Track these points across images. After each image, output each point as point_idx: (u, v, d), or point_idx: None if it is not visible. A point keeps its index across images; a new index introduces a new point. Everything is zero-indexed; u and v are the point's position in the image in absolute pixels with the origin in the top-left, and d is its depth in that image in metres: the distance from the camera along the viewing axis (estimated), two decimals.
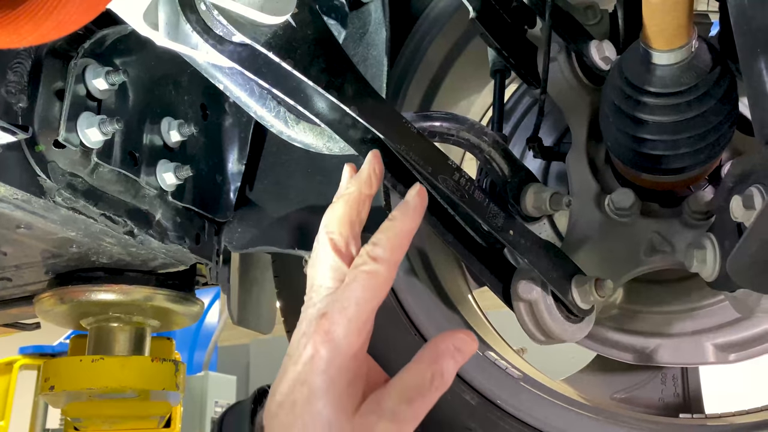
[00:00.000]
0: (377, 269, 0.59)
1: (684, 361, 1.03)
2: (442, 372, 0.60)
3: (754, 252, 0.60)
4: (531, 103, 1.27)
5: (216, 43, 0.69)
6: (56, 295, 0.96)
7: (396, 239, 0.62)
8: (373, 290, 0.59)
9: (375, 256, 0.60)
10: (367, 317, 0.59)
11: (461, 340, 0.62)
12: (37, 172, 0.74)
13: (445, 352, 0.61)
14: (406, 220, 0.64)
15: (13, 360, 3.27)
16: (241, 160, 1.05)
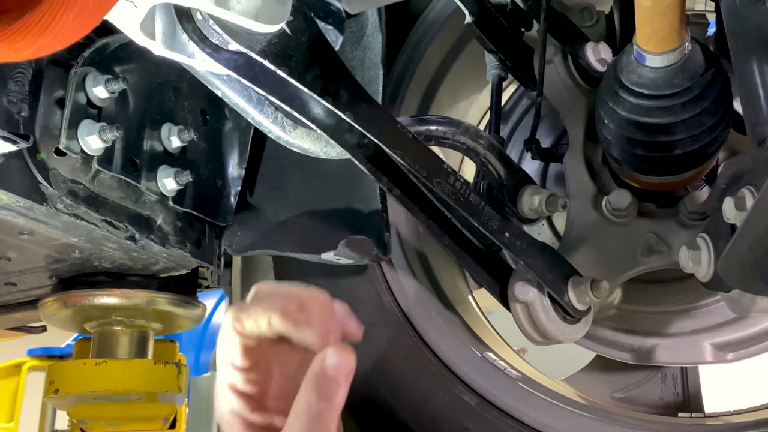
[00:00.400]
0: None
1: (682, 360, 1.03)
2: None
3: (744, 254, 0.61)
4: (529, 104, 1.27)
5: (212, 52, 0.70)
6: (60, 299, 0.97)
7: (312, 427, 0.49)
8: None
9: None
10: None
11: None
12: (39, 180, 0.76)
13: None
14: (324, 401, 0.50)
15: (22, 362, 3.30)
16: (241, 165, 1.06)
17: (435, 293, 1.07)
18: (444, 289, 1.09)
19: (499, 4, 1.03)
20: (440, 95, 1.23)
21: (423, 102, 1.21)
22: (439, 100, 1.23)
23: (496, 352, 1.03)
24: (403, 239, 1.08)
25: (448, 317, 1.03)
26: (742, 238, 0.60)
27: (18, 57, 0.46)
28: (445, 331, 0.99)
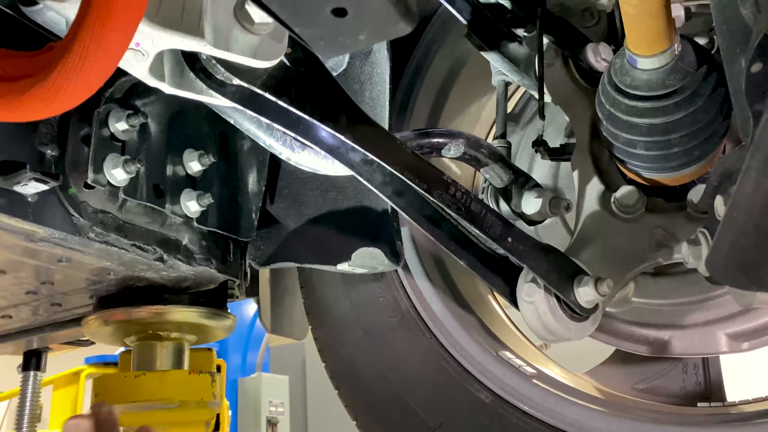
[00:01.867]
0: None
1: (697, 351, 1.05)
2: None
3: (726, 251, 0.63)
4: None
5: (218, 87, 0.76)
6: (100, 318, 1.05)
7: None
8: None
9: None
10: None
11: None
12: (71, 212, 0.83)
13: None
14: None
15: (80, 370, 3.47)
16: (260, 182, 1.12)
17: (451, 295, 1.10)
18: (461, 291, 1.13)
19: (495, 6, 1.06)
20: (450, 101, 1.26)
21: (433, 109, 1.24)
22: (450, 106, 1.26)
23: (512, 350, 1.06)
24: (418, 245, 1.13)
25: (464, 318, 1.07)
26: (723, 236, 0.62)
27: (34, 118, 0.52)
28: (460, 333, 1.03)
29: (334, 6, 0.43)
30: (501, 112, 1.12)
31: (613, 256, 0.99)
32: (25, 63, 0.56)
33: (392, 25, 0.45)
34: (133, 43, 0.67)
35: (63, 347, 1.54)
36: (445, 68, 1.22)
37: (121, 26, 0.45)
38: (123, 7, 0.45)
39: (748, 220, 0.57)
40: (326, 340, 1.13)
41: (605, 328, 1.11)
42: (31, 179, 0.74)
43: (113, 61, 0.49)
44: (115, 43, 0.46)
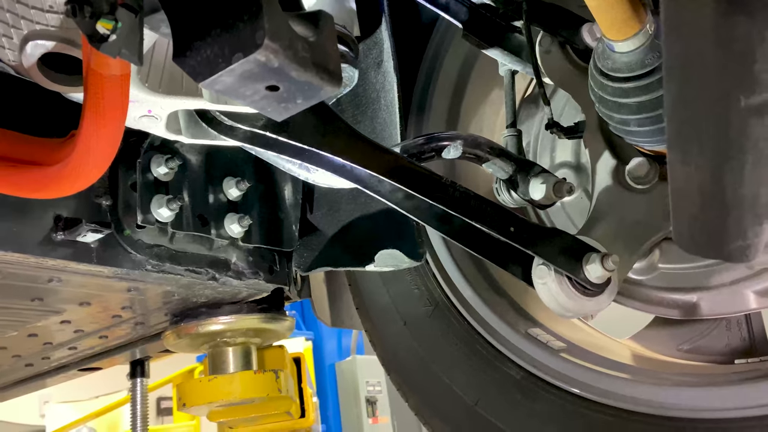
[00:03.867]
0: None
1: (726, 310, 1.06)
2: None
3: (686, 225, 0.66)
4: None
5: (229, 132, 0.87)
6: (174, 332, 1.21)
7: None
8: None
9: None
10: None
11: None
12: (129, 251, 0.97)
13: None
14: None
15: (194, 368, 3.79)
16: (296, 195, 1.23)
17: (483, 280, 1.18)
18: (493, 275, 1.20)
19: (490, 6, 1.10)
20: (468, 94, 1.32)
21: (452, 105, 1.30)
22: (469, 99, 1.32)
23: (544, 326, 1.12)
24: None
25: (494, 302, 1.14)
26: (676, 209, 0.64)
27: (65, 194, 0.65)
28: (491, 316, 1.10)
29: (267, 84, 0.53)
30: (509, 101, 1.16)
31: (630, 228, 1.03)
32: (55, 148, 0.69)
33: (319, 90, 0.54)
34: (145, 110, 0.79)
35: (161, 355, 1.74)
36: (457, 64, 1.28)
37: (111, 123, 0.57)
38: (110, 110, 0.56)
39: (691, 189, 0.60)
40: (373, 332, 1.23)
41: (636, 295, 1.15)
42: (88, 230, 0.88)
43: (113, 147, 0.60)
44: (109, 136, 0.58)
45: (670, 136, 0.55)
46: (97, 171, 0.63)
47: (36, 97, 0.83)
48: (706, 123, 0.49)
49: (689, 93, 0.48)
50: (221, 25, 0.51)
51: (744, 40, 0.42)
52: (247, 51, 0.49)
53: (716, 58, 0.43)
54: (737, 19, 0.40)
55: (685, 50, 0.45)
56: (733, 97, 0.45)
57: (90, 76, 0.55)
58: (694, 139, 0.52)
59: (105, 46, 0.51)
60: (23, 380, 1.65)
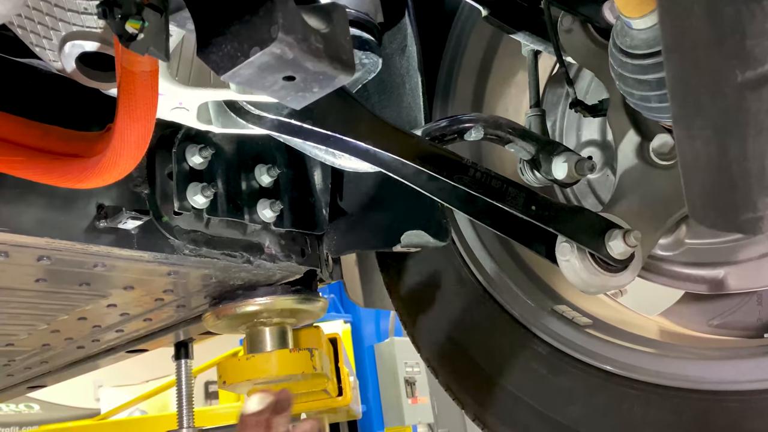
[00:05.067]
0: None
1: (754, 284, 1.06)
2: None
3: (700, 199, 0.67)
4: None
5: (257, 120, 0.91)
6: (214, 313, 1.27)
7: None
8: None
9: None
10: None
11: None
12: (167, 236, 1.02)
13: None
14: None
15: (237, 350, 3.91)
16: (326, 180, 1.27)
17: (510, 258, 1.20)
18: (519, 253, 1.22)
19: None
20: (493, 76, 1.33)
21: (476, 89, 1.32)
22: (494, 81, 1.33)
23: (570, 302, 1.14)
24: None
25: (520, 279, 1.16)
26: (688, 184, 0.66)
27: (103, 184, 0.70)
28: (516, 293, 1.13)
29: (284, 75, 0.56)
30: (533, 81, 1.17)
31: (653, 204, 1.04)
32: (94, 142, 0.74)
33: (334, 79, 0.57)
34: (176, 102, 0.84)
35: (203, 337, 1.81)
36: (481, 47, 1.29)
37: (143, 116, 0.61)
38: (141, 104, 0.60)
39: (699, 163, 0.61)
40: (403, 311, 1.27)
41: (663, 271, 1.15)
42: (128, 218, 0.94)
43: (146, 138, 0.65)
44: (142, 128, 0.62)
45: (674, 112, 0.56)
46: (133, 161, 0.67)
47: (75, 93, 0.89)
48: (705, 99, 0.50)
49: (687, 70, 0.49)
50: (239, 21, 0.54)
51: (734, 17, 0.43)
52: (264, 44, 0.52)
53: (709, 36, 0.45)
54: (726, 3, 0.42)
55: (679, 29, 0.47)
56: (728, 72, 0.46)
57: (122, 74, 0.60)
58: (696, 115, 0.54)
59: (134, 44, 0.55)
60: (76, 362, 1.74)
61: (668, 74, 0.53)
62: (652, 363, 0.97)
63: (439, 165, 0.91)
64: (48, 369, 1.81)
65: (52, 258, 0.95)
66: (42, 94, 0.87)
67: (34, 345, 1.51)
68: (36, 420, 7.13)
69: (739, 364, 0.93)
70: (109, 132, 0.71)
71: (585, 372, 1.02)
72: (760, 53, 0.45)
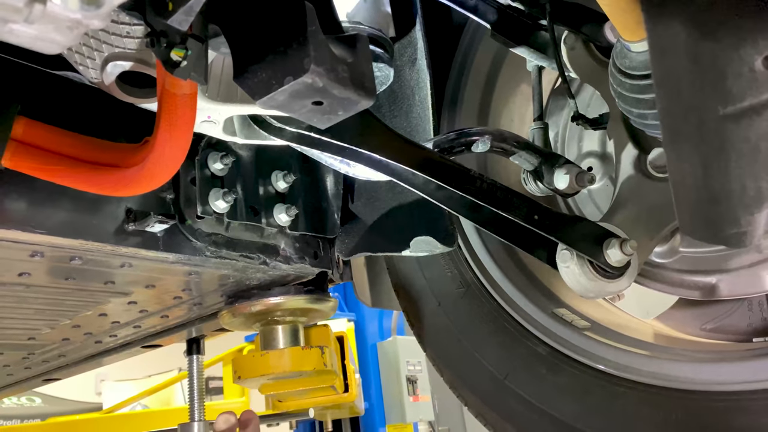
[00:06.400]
0: None
1: (744, 292, 1.12)
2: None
3: (689, 215, 0.73)
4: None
5: (278, 132, 0.97)
6: (229, 312, 1.33)
7: None
8: None
9: None
10: None
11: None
12: (190, 239, 1.09)
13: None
14: None
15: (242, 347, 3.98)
16: (338, 186, 1.33)
17: (512, 263, 1.26)
18: (522, 259, 1.28)
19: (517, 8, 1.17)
20: (499, 87, 1.39)
21: (483, 100, 1.38)
22: (500, 92, 1.39)
23: (570, 306, 1.20)
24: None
25: (522, 283, 1.22)
26: (678, 201, 0.71)
27: (140, 192, 0.77)
28: (519, 296, 1.19)
29: (313, 100, 0.62)
30: (536, 96, 1.23)
31: (650, 214, 1.10)
32: (131, 153, 0.80)
33: (356, 103, 0.63)
34: (205, 116, 0.90)
35: (215, 333, 1.88)
36: (488, 60, 1.35)
37: (182, 133, 0.67)
38: (181, 122, 0.67)
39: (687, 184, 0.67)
40: (410, 311, 1.33)
41: (659, 278, 1.21)
42: (156, 221, 1.00)
43: (183, 153, 0.71)
44: (180, 143, 0.69)
45: (664, 137, 0.62)
46: (169, 173, 0.74)
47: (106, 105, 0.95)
48: (691, 128, 0.56)
49: (675, 103, 0.55)
50: (274, 52, 0.60)
51: (715, 61, 0.49)
52: (297, 75, 0.58)
53: (694, 76, 0.51)
54: (707, 44, 0.48)
55: (668, 69, 0.53)
56: (710, 107, 0.52)
57: (164, 95, 0.66)
58: (683, 141, 0.60)
59: (178, 71, 0.61)
60: (92, 356, 1.81)
61: (658, 105, 0.59)
62: (646, 364, 1.03)
63: (447, 176, 0.97)
64: (64, 362, 1.88)
65: (83, 258, 1.01)
66: (76, 106, 0.93)
67: (54, 339, 1.57)
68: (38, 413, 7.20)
69: (730, 367, 0.99)
70: (146, 145, 0.77)
71: (583, 372, 1.08)
72: (738, 91, 0.51)
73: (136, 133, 0.99)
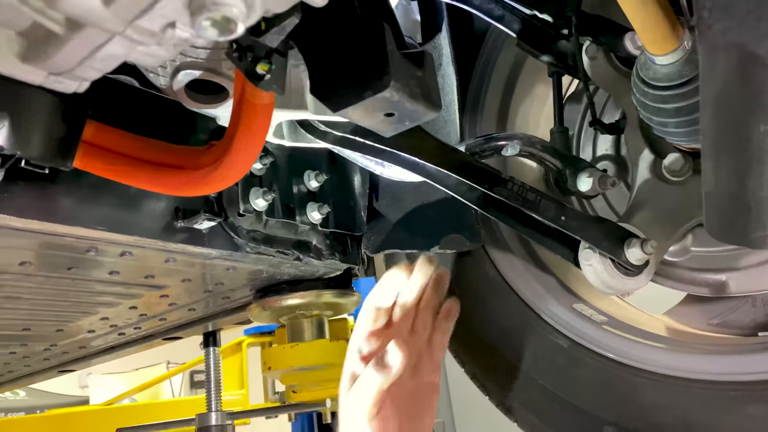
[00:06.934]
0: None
1: (751, 289, 1.20)
2: None
3: (717, 220, 0.80)
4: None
5: (323, 136, 1.03)
6: (259, 305, 1.38)
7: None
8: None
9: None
10: None
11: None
12: (232, 236, 1.14)
13: None
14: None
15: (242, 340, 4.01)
16: (364, 185, 1.39)
17: (533, 261, 1.32)
18: (541, 257, 1.34)
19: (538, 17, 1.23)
20: (517, 91, 1.45)
21: (503, 100, 1.44)
22: (518, 95, 1.45)
23: (587, 301, 1.27)
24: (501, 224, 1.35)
25: (544, 279, 1.28)
26: (708, 208, 0.79)
27: (214, 191, 0.82)
28: (541, 292, 1.25)
29: (386, 112, 0.68)
30: (557, 102, 1.30)
31: (666, 216, 1.16)
32: (197, 155, 0.85)
33: (424, 114, 0.69)
34: None
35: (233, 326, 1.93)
36: (508, 65, 1.41)
37: (261, 126, 0.73)
38: (259, 129, 0.72)
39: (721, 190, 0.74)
40: None
41: (671, 275, 1.28)
42: (204, 219, 1.05)
43: (255, 157, 0.76)
44: (255, 149, 0.74)
45: (704, 147, 0.69)
46: (240, 175, 0.79)
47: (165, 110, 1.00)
48: (733, 142, 0.63)
49: (720, 119, 0.62)
50: (353, 69, 0.66)
51: (761, 84, 0.55)
52: (377, 90, 0.64)
53: (741, 97, 0.57)
54: (755, 69, 0.54)
55: (717, 89, 0.59)
56: (753, 124, 0.59)
57: (244, 104, 0.71)
58: (723, 151, 0.66)
59: (262, 83, 0.67)
60: (112, 347, 1.85)
61: (703, 119, 0.65)
62: (661, 356, 1.10)
63: (480, 178, 1.04)
64: (83, 354, 1.92)
65: (134, 253, 1.06)
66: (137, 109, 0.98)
67: (80, 331, 1.62)
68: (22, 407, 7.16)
69: (743, 358, 1.06)
70: (214, 149, 0.82)
71: (602, 363, 1.15)
72: None
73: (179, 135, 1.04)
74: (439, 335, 1.13)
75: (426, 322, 1.12)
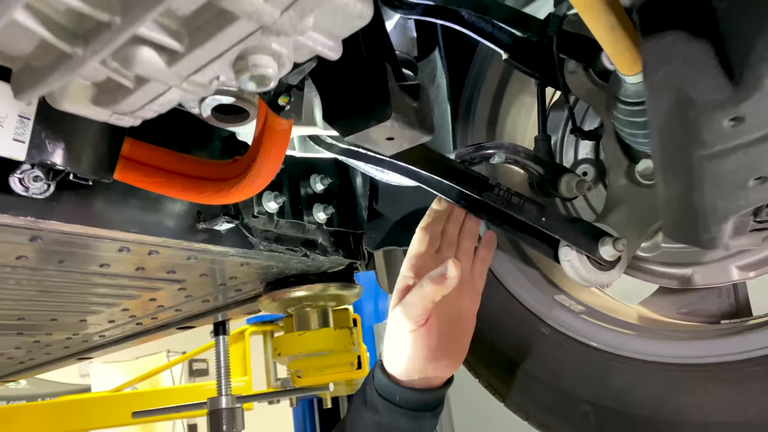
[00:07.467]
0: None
1: (714, 281, 1.33)
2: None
3: (671, 223, 0.93)
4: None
5: (329, 147, 1.15)
6: (270, 296, 1.51)
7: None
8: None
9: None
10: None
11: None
12: (247, 235, 1.26)
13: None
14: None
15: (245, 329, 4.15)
16: (365, 186, 1.51)
17: (518, 256, 1.45)
18: (526, 251, 1.47)
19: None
20: (506, 98, 1.57)
21: (493, 106, 1.56)
22: (505, 107, 1.57)
23: (568, 293, 1.40)
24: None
25: (528, 272, 1.41)
26: (663, 210, 0.91)
27: (238, 200, 0.94)
28: (525, 284, 1.38)
29: (387, 137, 0.80)
30: (540, 111, 1.42)
31: (638, 216, 1.29)
32: (223, 168, 0.98)
33: (419, 138, 0.81)
34: None
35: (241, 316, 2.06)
36: (497, 76, 1.53)
37: (280, 147, 0.85)
38: (280, 140, 0.84)
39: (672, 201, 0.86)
40: None
41: (643, 269, 1.42)
42: (224, 221, 1.18)
43: (276, 170, 0.89)
44: (277, 157, 0.86)
45: (655, 164, 0.82)
46: (262, 187, 0.91)
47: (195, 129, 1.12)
48: (677, 163, 0.76)
49: (666, 145, 0.74)
50: (360, 101, 0.78)
51: (694, 120, 0.68)
52: (380, 120, 0.76)
53: (679, 129, 0.70)
54: (688, 109, 0.67)
55: (660, 121, 0.72)
56: (690, 151, 0.72)
57: (266, 129, 0.84)
58: (670, 171, 0.79)
59: (283, 113, 0.79)
60: (129, 336, 1.98)
61: (653, 144, 0.78)
62: (633, 343, 1.24)
63: (470, 183, 1.16)
64: (101, 342, 2.05)
65: (160, 252, 1.19)
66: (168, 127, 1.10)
67: (102, 321, 1.74)
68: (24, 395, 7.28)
69: (704, 344, 1.20)
70: (238, 162, 0.95)
71: (579, 349, 1.28)
72: (710, 140, 0.70)
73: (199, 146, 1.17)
74: (480, 264, 1.21)
75: (468, 251, 1.20)
